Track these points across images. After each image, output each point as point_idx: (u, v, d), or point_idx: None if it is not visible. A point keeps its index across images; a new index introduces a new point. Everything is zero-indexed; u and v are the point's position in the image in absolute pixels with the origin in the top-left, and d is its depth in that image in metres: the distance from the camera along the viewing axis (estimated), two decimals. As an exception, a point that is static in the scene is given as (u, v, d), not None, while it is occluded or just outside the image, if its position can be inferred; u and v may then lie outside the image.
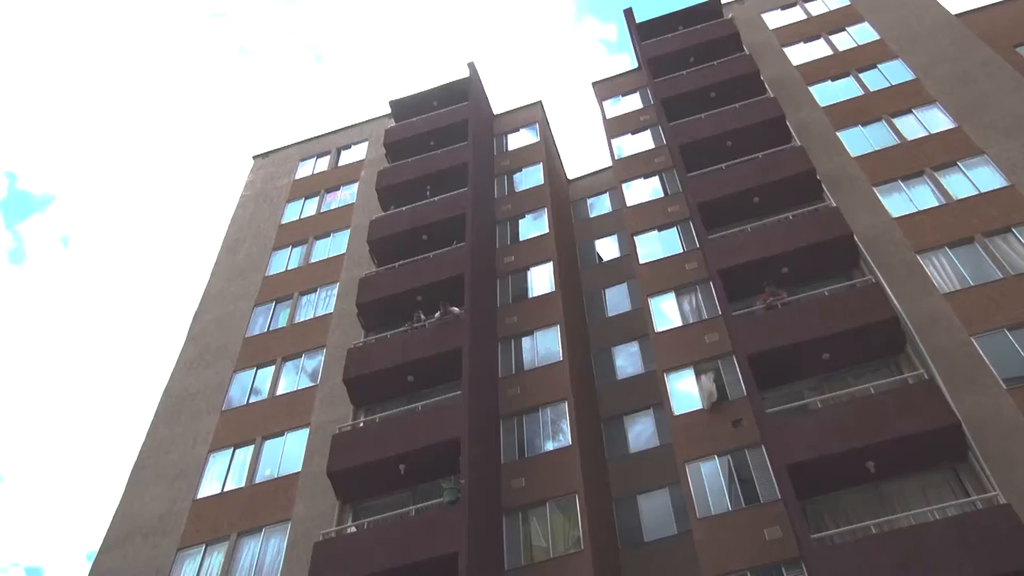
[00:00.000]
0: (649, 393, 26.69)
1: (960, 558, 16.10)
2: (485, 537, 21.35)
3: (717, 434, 23.00)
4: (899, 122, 29.08)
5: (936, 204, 25.36)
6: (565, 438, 24.43)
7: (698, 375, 24.78)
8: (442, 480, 22.23)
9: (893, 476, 19.20)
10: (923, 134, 28.10)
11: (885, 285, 22.72)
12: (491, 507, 22.61)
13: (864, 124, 29.61)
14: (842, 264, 24.50)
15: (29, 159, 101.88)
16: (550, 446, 24.52)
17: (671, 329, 26.51)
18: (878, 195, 26.36)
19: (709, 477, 22.37)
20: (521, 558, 22.10)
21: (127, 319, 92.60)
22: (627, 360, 29.06)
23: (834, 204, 25.85)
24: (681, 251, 29.31)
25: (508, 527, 22.79)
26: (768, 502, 21.03)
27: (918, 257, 23.80)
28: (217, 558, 23.38)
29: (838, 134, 29.53)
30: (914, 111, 29.27)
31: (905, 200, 25.93)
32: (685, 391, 24.54)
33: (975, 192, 25.17)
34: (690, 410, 23.90)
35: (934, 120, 28.57)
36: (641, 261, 29.28)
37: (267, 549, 23.27)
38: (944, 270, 23.36)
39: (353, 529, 22.55)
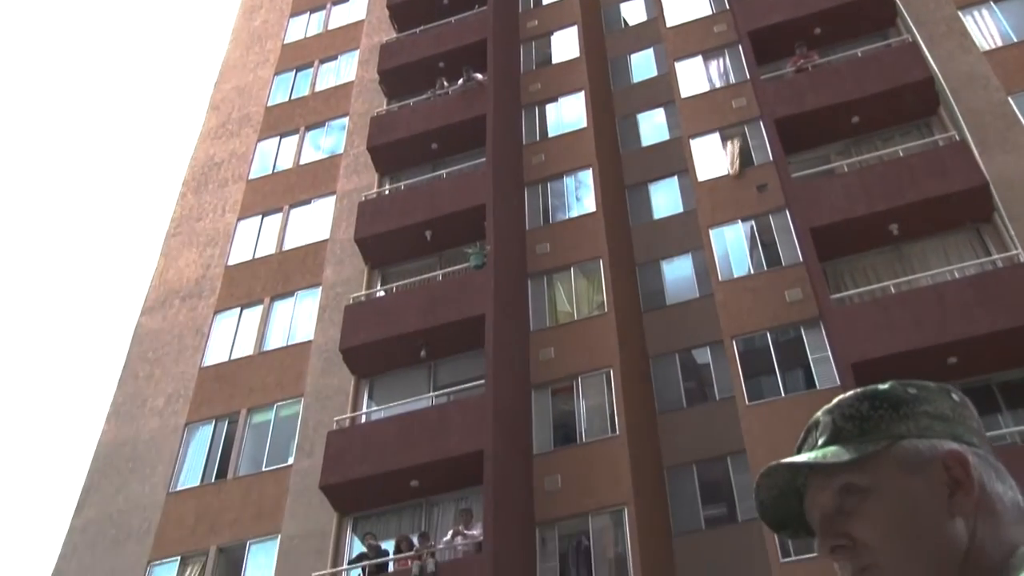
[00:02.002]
0: (674, 159, 26.55)
1: (977, 313, 16.46)
2: (510, 300, 21.94)
3: (741, 199, 23.07)
4: None
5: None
6: (589, 204, 24.58)
7: (724, 140, 24.58)
8: (468, 246, 22.61)
9: (915, 238, 19.35)
10: None
11: (922, 44, 22.03)
12: (516, 271, 23.09)
13: None
14: (878, 23, 23.65)
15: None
16: (575, 212, 24.72)
17: (698, 94, 26.06)
18: (919, -52, 25.08)
19: (732, 241, 22.65)
20: (546, 320, 22.75)
21: (146, 89, 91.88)
22: (652, 126, 28.74)
23: (872, -41, 24.65)
24: (710, 12, 28.34)
25: (533, 291, 23.35)
26: (790, 265, 21.35)
27: (959, 12, 22.91)
28: (252, 320, 24.29)
29: None
30: None
31: (948, -48, 24.69)
32: (710, 157, 24.43)
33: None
34: (715, 176, 23.89)
35: None
36: (668, 24, 28.39)
37: (299, 312, 24.10)
38: (986, 26, 22.52)
39: (382, 293, 23.21)
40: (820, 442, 1.27)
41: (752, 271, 21.90)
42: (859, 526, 1.19)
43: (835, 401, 1.30)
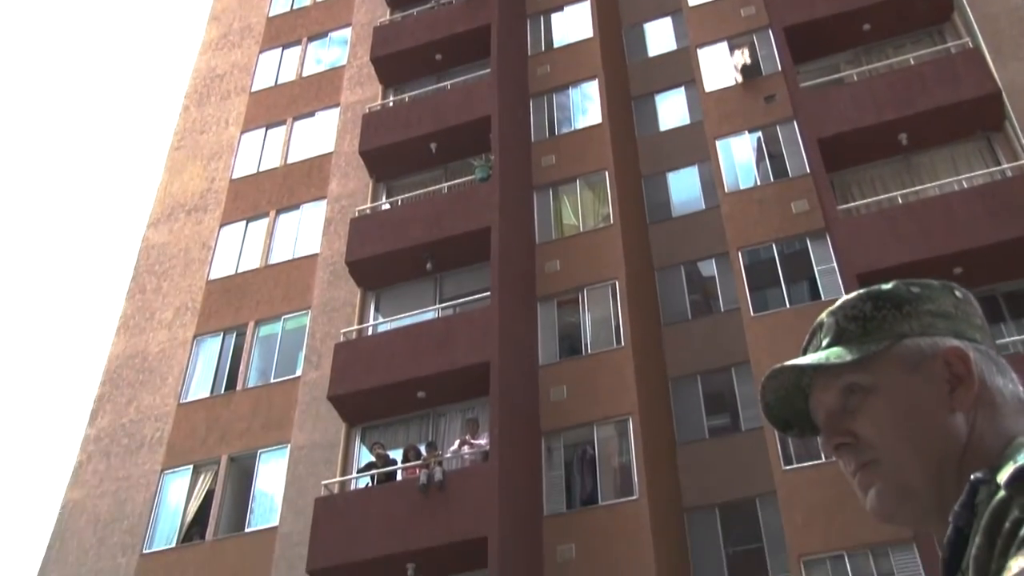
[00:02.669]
0: (681, 70, 26.17)
1: (984, 223, 16.42)
2: (516, 212, 21.90)
3: (749, 110, 22.83)
4: None
5: None
6: (595, 116, 24.34)
7: (732, 50, 24.20)
8: (473, 158, 22.48)
9: (924, 147, 19.19)
10: None
11: (937, -54, 21.51)
12: (522, 184, 22.99)
13: None
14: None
15: None
16: (580, 124, 24.49)
17: (705, 2, 25.58)
18: None
19: (739, 153, 22.49)
20: (551, 233, 22.73)
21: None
22: (659, 36, 28.26)
23: None
24: (720, -82, 27.61)
25: (539, 203, 23.28)
26: (797, 176, 21.23)
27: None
28: (258, 233, 24.32)
29: None
30: None
31: None
32: (718, 67, 24.08)
33: None
34: (722, 86, 23.60)
35: None
36: (676, -70, 27.68)
37: (305, 225, 24.10)
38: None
39: (387, 206, 23.17)
40: (824, 343, 1.29)
41: (759, 182, 21.79)
42: (861, 423, 1.22)
43: (839, 302, 1.31)
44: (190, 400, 21.70)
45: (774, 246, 20.65)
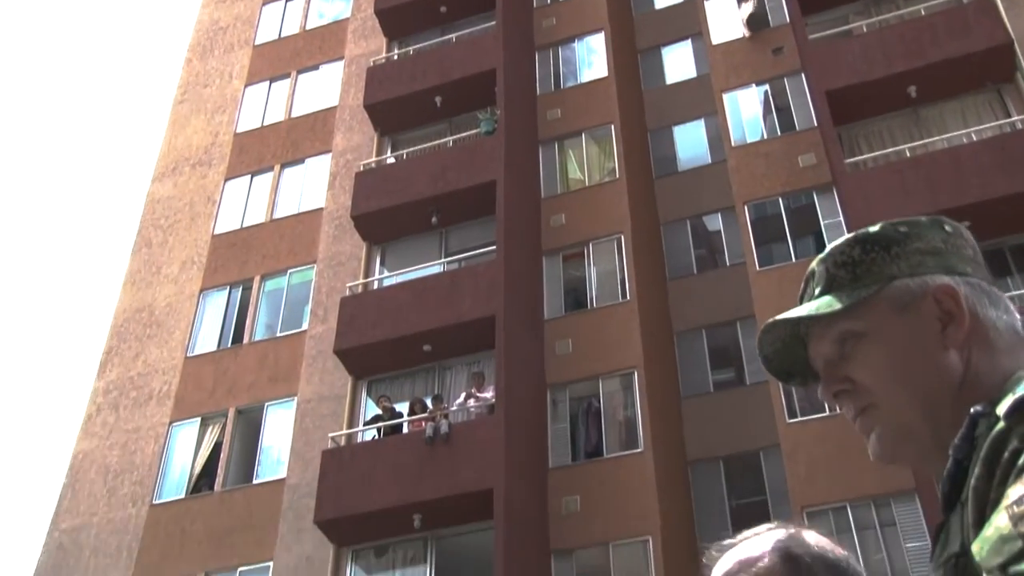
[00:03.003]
0: (688, 22, 25.89)
1: (993, 176, 16.33)
2: (521, 166, 21.82)
3: (756, 62, 22.64)
4: None
5: None
6: (601, 69, 24.16)
7: (739, 2, 23.93)
8: (478, 112, 22.37)
9: (934, 100, 19.02)
10: None
11: None
12: (527, 137, 22.89)
13: None
14: None
15: None
16: (586, 77, 24.32)
17: (714, -47, 25.24)
18: None
19: (746, 106, 22.34)
20: (557, 187, 22.66)
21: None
22: (666, -13, 27.92)
23: None
24: None
25: (544, 157, 23.18)
26: (804, 130, 21.09)
27: None
28: (263, 187, 24.27)
29: None
30: None
31: None
32: (725, 19, 23.84)
33: None
34: (730, 39, 23.37)
35: None
36: None
37: (310, 179, 24.04)
38: None
39: (392, 160, 23.10)
40: (816, 292, 1.28)
41: (765, 136, 21.66)
42: (856, 369, 1.22)
43: (828, 249, 1.31)
44: (197, 354, 21.80)
45: (780, 200, 20.57)
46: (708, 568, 1.53)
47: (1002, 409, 1.01)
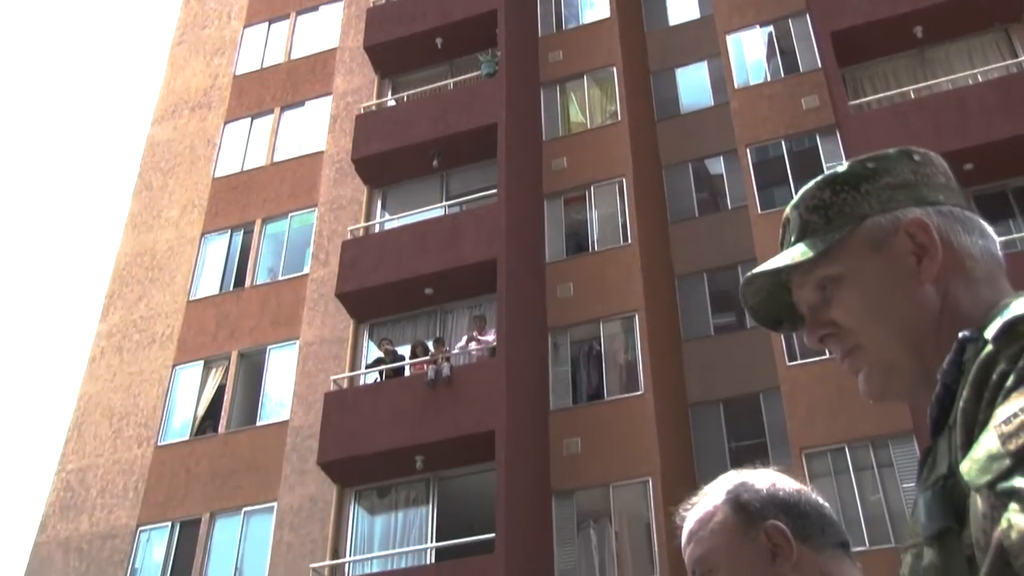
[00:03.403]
0: (692, -39, 25.55)
1: (997, 118, 16.20)
2: (523, 109, 21.66)
3: (760, 3, 22.36)
4: None
5: None
6: (603, 9, 23.87)
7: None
8: (479, 53, 22.15)
9: (940, 41, 18.79)
10: None
11: None
12: (529, 79, 22.69)
13: None
14: None
15: None
16: (588, 19, 24.04)
17: None
18: None
19: (749, 48, 22.10)
20: (559, 130, 22.52)
21: None
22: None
23: None
24: None
25: (546, 99, 23.00)
26: (808, 71, 20.89)
27: None
28: (263, 130, 24.11)
29: None
30: None
31: None
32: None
33: None
34: (734, -22, 23.04)
35: None
36: None
37: (310, 122, 23.88)
38: None
39: (393, 103, 22.92)
40: (792, 239, 1.28)
41: (769, 78, 21.45)
42: (837, 312, 1.22)
43: (799, 194, 1.30)
44: (199, 297, 21.85)
45: (783, 143, 20.44)
46: (680, 528, 1.61)
47: (990, 333, 1.02)
